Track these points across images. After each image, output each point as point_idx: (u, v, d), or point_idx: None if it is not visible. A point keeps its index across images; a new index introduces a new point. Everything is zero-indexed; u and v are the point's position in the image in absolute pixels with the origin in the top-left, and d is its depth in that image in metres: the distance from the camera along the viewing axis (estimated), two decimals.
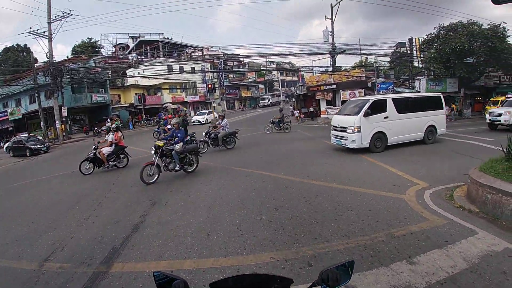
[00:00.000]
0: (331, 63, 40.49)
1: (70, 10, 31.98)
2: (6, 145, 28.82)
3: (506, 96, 27.25)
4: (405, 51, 45.10)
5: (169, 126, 19.23)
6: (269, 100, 78.41)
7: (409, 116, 14.85)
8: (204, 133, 17.91)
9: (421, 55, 40.02)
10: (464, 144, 15.27)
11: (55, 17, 31.98)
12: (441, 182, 8.76)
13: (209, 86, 40.50)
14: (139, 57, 57.28)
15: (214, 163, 13.55)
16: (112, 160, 13.77)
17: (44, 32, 31.79)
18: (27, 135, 30.35)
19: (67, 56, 51.45)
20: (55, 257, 5.79)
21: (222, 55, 63.64)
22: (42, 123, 34.87)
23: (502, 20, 35.63)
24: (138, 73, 46.10)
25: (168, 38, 63.30)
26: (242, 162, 13.44)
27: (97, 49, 59.44)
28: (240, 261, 5.10)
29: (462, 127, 23.48)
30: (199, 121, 40.93)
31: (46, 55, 31.72)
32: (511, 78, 38.61)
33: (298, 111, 37.70)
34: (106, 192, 10.11)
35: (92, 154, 13.33)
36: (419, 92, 33.55)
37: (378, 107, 14.13)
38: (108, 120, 36.54)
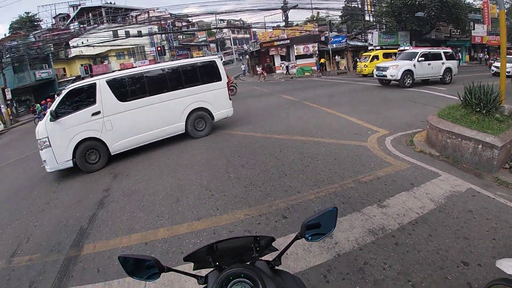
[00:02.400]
0: (284, 18, 40.16)
1: None
2: None
3: (399, 49, 26.81)
4: (357, 5, 45.36)
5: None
6: (222, 59, 76.37)
7: (147, 102, 9.60)
8: None
9: (373, 9, 40.48)
10: (418, 93, 15.69)
11: None
12: (400, 129, 9.02)
13: (159, 48, 38.97)
14: (82, 26, 53.53)
15: None
16: None
17: None
18: None
19: (5, 35, 47.08)
20: (22, 249, 5.39)
21: (169, 16, 60.98)
22: None
23: None
24: (82, 42, 43.23)
25: (111, 3, 59.39)
26: None
27: (36, 23, 54.76)
28: (215, 222, 5.05)
29: None
30: None
31: None
32: (461, 32, 40.14)
33: (260, 68, 35.88)
34: (62, 172, 9.29)
35: None
36: (371, 45, 33.95)
37: (79, 99, 8.94)
38: (56, 96, 34.41)
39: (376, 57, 28.23)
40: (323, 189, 5.68)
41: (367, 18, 44.18)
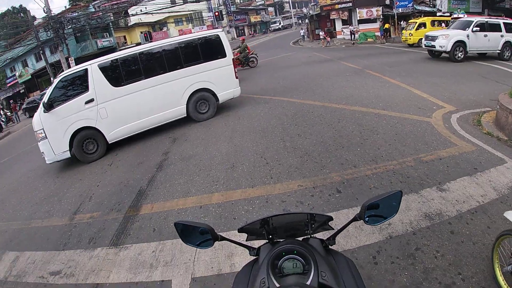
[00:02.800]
0: None
1: None
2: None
3: (452, 16, 23.21)
4: None
5: None
6: (280, 23, 74.98)
7: (143, 86, 8.97)
8: None
9: None
10: (490, 68, 14.50)
11: None
12: (468, 106, 8.47)
13: (216, 14, 38.93)
14: None
15: None
16: None
17: None
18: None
19: (65, 7, 48.90)
20: (84, 208, 5.88)
21: None
22: (52, 78, 34.11)
23: None
24: (141, 10, 44.18)
25: None
26: (258, 89, 13.22)
27: None
28: (268, 191, 5.16)
29: None
30: None
31: (44, 10, 30.15)
32: None
33: (324, 33, 34.04)
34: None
35: None
36: (440, 11, 31.49)
37: (71, 87, 8.54)
38: None
39: (423, 24, 25.09)
40: (381, 165, 5.57)
41: None
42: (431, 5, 35.04)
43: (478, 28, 16.31)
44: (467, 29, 16.37)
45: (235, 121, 9.17)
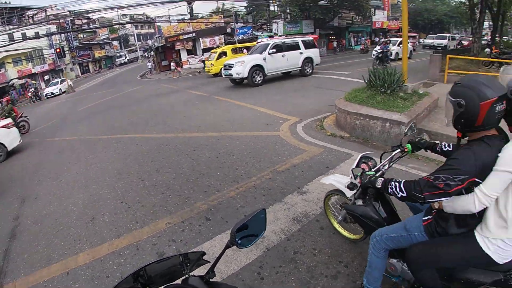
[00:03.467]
0: (188, 11, 39.66)
1: None
2: None
3: (257, 41, 24.62)
4: None
5: None
6: (126, 57, 72.97)
7: None
8: None
9: None
10: (322, 80, 16.33)
11: None
12: (310, 115, 9.35)
13: (58, 50, 36.03)
14: None
15: (77, 136, 12.25)
16: None
17: None
18: None
19: None
20: None
21: (68, 13, 56.56)
22: None
23: None
24: None
25: (5, 2, 52.90)
26: (107, 129, 12.40)
27: None
28: (136, 237, 4.73)
29: None
30: (52, 93, 34.67)
31: None
32: (363, 18, 42.84)
33: (174, 64, 32.98)
34: None
35: None
36: (276, 34, 34.16)
37: None
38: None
39: (224, 53, 25.64)
40: (242, 184, 5.65)
41: (272, 8, 45.05)
42: (268, 30, 38.25)
43: (275, 50, 17.25)
44: (264, 52, 17.15)
45: (87, 167, 8.32)
